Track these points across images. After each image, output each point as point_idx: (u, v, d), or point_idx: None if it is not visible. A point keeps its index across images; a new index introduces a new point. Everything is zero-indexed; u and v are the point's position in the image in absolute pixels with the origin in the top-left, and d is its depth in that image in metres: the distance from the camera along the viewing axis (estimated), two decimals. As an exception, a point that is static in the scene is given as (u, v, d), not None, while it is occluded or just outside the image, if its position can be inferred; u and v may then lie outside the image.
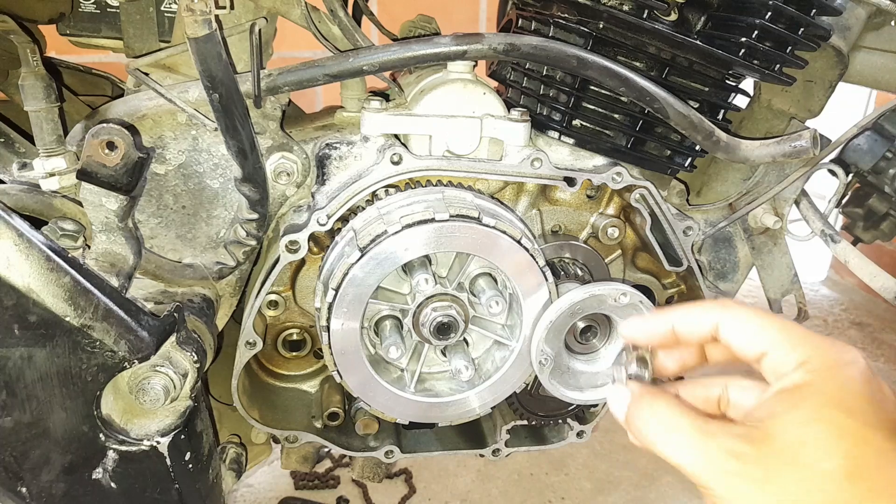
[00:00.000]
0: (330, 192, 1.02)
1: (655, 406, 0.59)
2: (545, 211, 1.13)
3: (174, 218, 1.03)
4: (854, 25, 1.04)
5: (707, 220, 1.17)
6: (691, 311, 0.64)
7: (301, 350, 1.21)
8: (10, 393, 0.81)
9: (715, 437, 0.54)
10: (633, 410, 0.60)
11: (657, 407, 0.59)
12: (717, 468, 0.53)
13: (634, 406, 0.60)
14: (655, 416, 0.58)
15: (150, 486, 0.91)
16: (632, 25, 0.93)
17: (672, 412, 0.57)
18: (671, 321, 0.65)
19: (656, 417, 0.58)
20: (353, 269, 0.90)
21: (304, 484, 1.97)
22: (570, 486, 2.04)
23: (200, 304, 1.01)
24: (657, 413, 0.58)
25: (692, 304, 0.65)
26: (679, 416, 0.57)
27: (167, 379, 0.87)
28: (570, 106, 1.01)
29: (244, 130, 0.91)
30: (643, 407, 0.60)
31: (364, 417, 1.12)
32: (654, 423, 0.58)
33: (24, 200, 0.90)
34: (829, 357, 0.55)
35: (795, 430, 0.53)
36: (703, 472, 0.54)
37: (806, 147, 0.97)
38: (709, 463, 0.54)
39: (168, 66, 0.99)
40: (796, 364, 0.56)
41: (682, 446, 0.55)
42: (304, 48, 2.13)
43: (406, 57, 0.91)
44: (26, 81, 0.91)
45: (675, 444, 0.56)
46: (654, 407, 0.59)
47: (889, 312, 3.01)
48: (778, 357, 0.57)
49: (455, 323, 0.96)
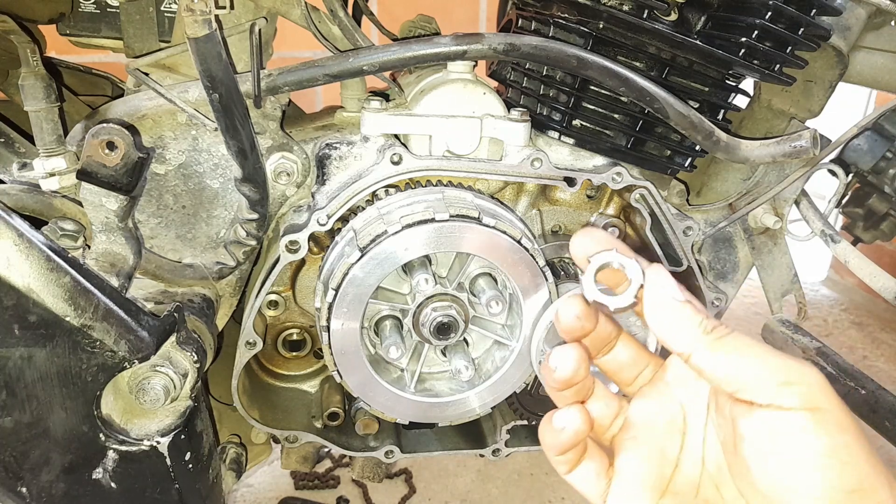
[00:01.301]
0: (330, 192, 1.02)
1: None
2: (545, 211, 1.13)
3: (174, 218, 1.03)
4: (854, 25, 1.04)
5: (707, 220, 1.17)
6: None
7: (301, 350, 1.21)
8: (10, 393, 0.81)
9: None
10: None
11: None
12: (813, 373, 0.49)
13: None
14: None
15: (150, 486, 0.91)
16: (632, 25, 0.93)
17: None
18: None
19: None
20: (353, 269, 0.90)
21: (304, 484, 1.97)
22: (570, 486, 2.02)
23: (200, 304, 1.01)
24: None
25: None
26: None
27: (167, 379, 0.87)
28: (570, 106, 1.01)
29: (244, 130, 0.91)
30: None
31: (364, 417, 1.12)
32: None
33: (24, 200, 0.90)
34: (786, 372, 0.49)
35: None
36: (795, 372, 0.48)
37: (806, 147, 0.97)
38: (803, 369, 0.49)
39: (168, 66, 0.99)
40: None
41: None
42: (304, 48, 2.13)
43: (406, 57, 0.91)
44: (26, 81, 0.91)
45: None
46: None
47: (889, 312, 3.01)
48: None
49: (455, 323, 0.96)
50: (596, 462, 0.59)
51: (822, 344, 1.19)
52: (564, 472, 0.59)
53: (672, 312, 0.52)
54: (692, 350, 0.51)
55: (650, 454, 0.57)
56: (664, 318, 0.53)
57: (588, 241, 0.59)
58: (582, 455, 0.59)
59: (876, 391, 1.09)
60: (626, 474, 0.57)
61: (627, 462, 0.58)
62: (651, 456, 0.57)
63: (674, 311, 0.52)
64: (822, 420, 0.47)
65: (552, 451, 0.58)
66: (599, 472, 0.58)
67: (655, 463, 0.57)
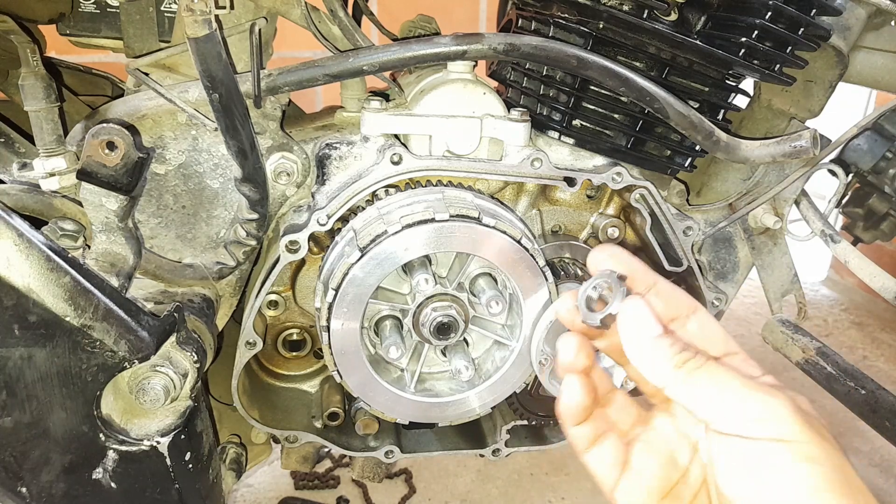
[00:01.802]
0: (330, 192, 1.02)
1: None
2: (545, 211, 1.13)
3: (174, 218, 1.03)
4: (854, 25, 1.04)
5: (707, 220, 1.17)
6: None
7: (301, 350, 1.21)
8: (10, 393, 0.81)
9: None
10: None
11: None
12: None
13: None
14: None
15: (150, 486, 0.91)
16: (632, 25, 0.93)
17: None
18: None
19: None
20: (353, 269, 0.90)
21: (304, 484, 1.97)
22: (570, 486, 2.03)
23: (200, 304, 1.01)
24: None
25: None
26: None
27: (167, 379, 0.87)
28: (570, 106, 1.01)
29: (244, 130, 0.91)
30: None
31: (364, 417, 1.12)
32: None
33: (24, 200, 0.90)
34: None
35: None
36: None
37: (806, 147, 0.97)
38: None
39: (168, 66, 0.99)
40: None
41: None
42: (304, 48, 2.13)
43: (406, 57, 0.91)
44: (26, 81, 0.91)
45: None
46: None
47: (889, 312, 3.01)
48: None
49: (455, 323, 0.96)
50: (615, 450, 0.61)
51: (822, 344, 1.18)
52: (582, 447, 0.61)
53: (646, 348, 0.55)
54: (664, 384, 0.54)
55: (662, 458, 0.59)
56: (638, 353, 0.56)
57: (604, 257, 0.63)
58: (599, 436, 0.61)
59: (876, 391, 1.09)
60: (638, 470, 0.59)
61: (642, 460, 0.59)
62: (663, 460, 0.59)
63: (647, 346, 0.55)
64: (792, 452, 0.49)
65: (566, 418, 0.60)
66: (615, 462, 0.60)
67: (666, 467, 0.59)
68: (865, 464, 2.18)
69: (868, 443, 2.22)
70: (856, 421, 1.15)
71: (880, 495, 2.08)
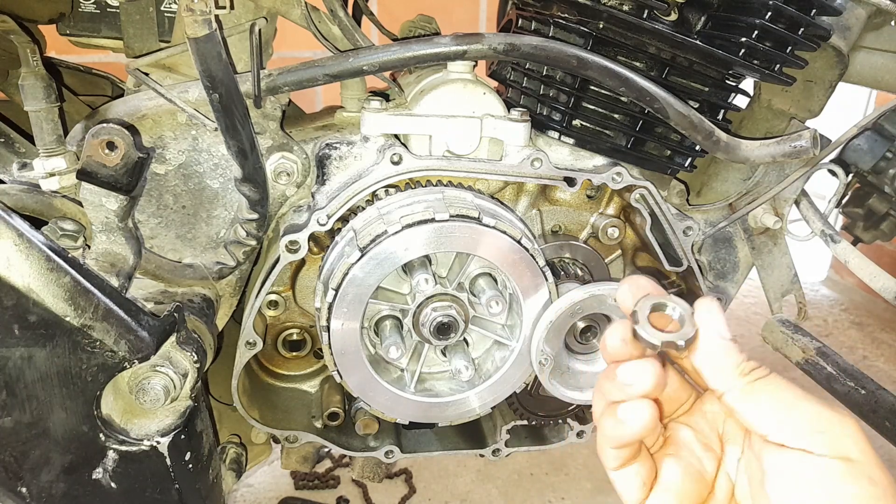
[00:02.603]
0: (330, 192, 1.02)
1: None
2: (545, 211, 1.13)
3: (174, 218, 1.03)
4: (854, 25, 1.04)
5: (707, 220, 1.17)
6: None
7: (301, 350, 1.21)
8: (10, 393, 0.81)
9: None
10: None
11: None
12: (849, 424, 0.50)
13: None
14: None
15: (150, 486, 0.91)
16: (632, 25, 0.93)
17: None
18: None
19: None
20: (353, 269, 0.90)
21: (304, 484, 1.97)
22: (570, 486, 2.04)
23: (200, 304, 1.01)
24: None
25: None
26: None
27: (167, 379, 0.87)
28: (570, 106, 1.01)
29: (244, 130, 0.91)
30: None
31: (364, 417, 1.12)
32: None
33: (24, 200, 0.90)
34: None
35: None
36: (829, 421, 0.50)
37: (806, 147, 0.97)
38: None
39: (168, 66, 0.99)
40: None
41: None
42: (304, 48, 2.13)
43: (406, 57, 0.91)
44: (26, 81, 0.91)
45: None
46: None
47: (889, 312, 3.01)
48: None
49: (455, 323, 0.96)
50: (645, 469, 0.58)
51: (822, 344, 1.18)
52: (613, 466, 0.58)
53: (715, 350, 0.54)
54: (726, 389, 0.53)
55: (691, 472, 0.58)
56: (708, 353, 0.54)
57: (634, 289, 0.60)
58: (636, 455, 0.58)
59: (876, 391, 1.09)
60: (669, 485, 0.58)
61: (672, 475, 0.58)
62: (692, 474, 0.58)
63: (717, 348, 0.54)
64: (853, 471, 0.48)
65: (612, 441, 0.57)
66: (645, 480, 0.58)
67: (695, 481, 0.58)
68: (865, 464, 2.18)
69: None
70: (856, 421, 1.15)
71: (880, 495, 2.08)
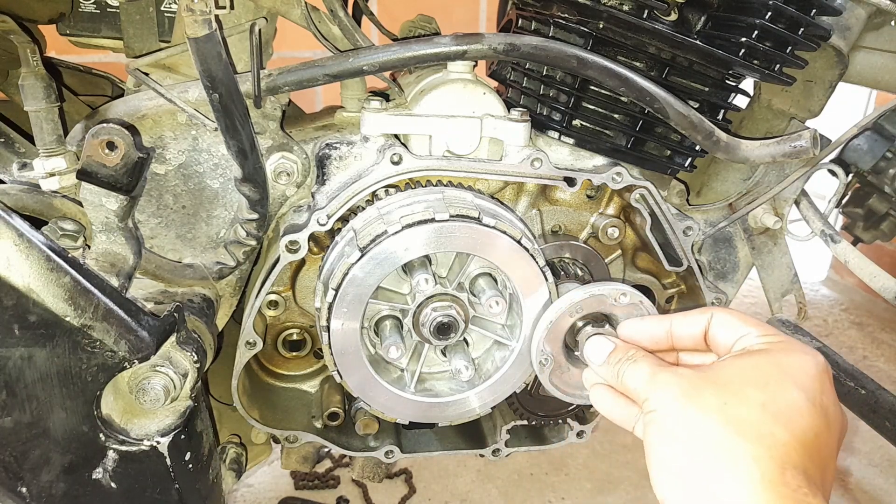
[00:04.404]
0: (330, 192, 1.02)
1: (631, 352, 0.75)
2: (545, 211, 1.13)
3: (174, 218, 1.03)
4: (854, 25, 1.04)
5: (707, 220, 1.17)
6: (688, 314, 0.74)
7: (301, 350, 1.21)
8: (10, 393, 0.81)
9: (667, 367, 0.68)
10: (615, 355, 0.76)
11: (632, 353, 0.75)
12: (659, 383, 0.66)
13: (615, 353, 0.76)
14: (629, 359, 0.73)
15: (150, 486, 0.91)
16: (632, 25, 0.93)
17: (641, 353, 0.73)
18: (669, 322, 0.75)
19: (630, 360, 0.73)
20: (353, 269, 0.90)
21: (304, 484, 1.97)
22: (570, 486, 2.04)
23: (200, 304, 1.01)
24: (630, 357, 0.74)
25: (688, 311, 0.75)
26: (644, 356, 0.72)
27: (167, 379, 0.87)
28: (570, 106, 1.01)
29: (244, 130, 0.91)
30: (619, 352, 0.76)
31: (364, 417, 1.12)
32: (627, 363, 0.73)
33: (24, 200, 0.90)
34: (795, 343, 0.66)
35: (736, 367, 0.64)
36: (646, 386, 0.67)
37: (806, 147, 0.97)
38: (653, 381, 0.67)
39: (168, 66, 0.99)
40: (763, 337, 0.66)
41: (639, 374, 0.70)
42: (304, 48, 2.13)
43: (406, 57, 0.91)
44: (26, 81, 0.91)
45: (635, 373, 0.70)
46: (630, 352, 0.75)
47: (889, 312, 3.01)
48: (751, 337, 0.67)
49: (455, 323, 0.96)
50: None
51: (822, 344, 1.19)
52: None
53: (602, 373, 0.79)
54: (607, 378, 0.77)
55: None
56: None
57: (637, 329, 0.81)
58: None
59: (876, 391, 1.09)
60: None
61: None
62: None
63: (601, 371, 0.79)
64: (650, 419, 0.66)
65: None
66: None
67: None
68: (865, 464, 2.18)
69: (868, 443, 2.22)
70: (856, 421, 1.15)
71: (880, 495, 2.08)
